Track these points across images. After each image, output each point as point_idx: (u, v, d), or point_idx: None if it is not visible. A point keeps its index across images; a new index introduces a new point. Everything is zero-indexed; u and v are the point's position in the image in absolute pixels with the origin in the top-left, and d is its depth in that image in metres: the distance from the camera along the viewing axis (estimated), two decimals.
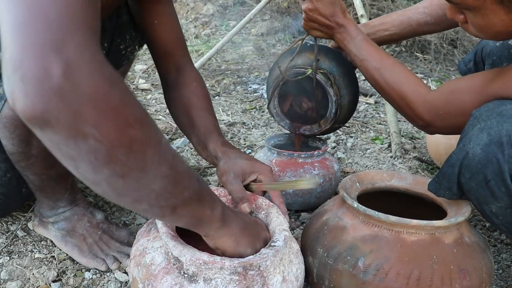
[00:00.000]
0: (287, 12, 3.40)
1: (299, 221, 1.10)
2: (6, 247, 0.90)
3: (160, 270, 0.60)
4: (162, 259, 0.62)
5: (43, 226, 0.90)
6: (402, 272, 0.66)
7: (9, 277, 0.82)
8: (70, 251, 0.88)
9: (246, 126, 1.74)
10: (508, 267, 1.00)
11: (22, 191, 0.89)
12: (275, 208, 0.75)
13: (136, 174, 0.44)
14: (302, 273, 0.70)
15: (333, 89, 1.05)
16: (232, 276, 0.59)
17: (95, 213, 0.92)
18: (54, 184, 0.84)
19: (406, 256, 0.67)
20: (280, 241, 0.66)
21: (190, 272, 0.59)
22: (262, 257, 0.61)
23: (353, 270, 0.68)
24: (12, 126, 0.72)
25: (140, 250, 0.65)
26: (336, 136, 1.68)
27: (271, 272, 0.62)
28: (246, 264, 0.59)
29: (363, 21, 1.78)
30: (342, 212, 0.76)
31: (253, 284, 0.60)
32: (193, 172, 0.54)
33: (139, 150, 0.43)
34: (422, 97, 0.82)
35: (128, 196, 0.47)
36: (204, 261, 0.58)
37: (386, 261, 0.67)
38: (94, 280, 0.84)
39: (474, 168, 0.66)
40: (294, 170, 1.07)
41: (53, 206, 0.88)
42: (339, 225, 0.74)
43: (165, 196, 0.49)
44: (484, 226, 1.16)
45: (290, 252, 0.69)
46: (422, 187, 0.83)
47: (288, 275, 0.65)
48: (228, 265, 0.58)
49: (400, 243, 0.68)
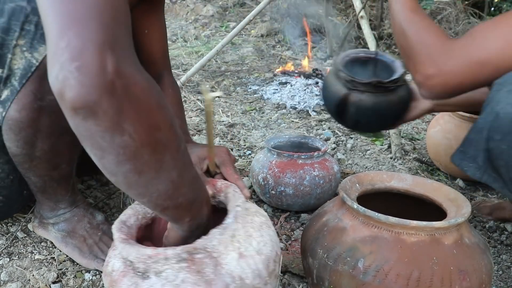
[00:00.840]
0: (286, 13, 3.41)
1: (299, 222, 1.10)
2: (6, 248, 0.90)
3: (119, 275, 0.61)
4: (120, 264, 0.62)
5: (43, 227, 0.91)
6: (402, 273, 0.66)
7: (9, 278, 0.82)
8: (70, 252, 0.88)
9: (246, 127, 1.74)
10: (508, 268, 1.00)
11: (23, 193, 0.89)
12: (232, 187, 0.74)
13: (152, 173, 0.48)
14: (268, 245, 0.66)
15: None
16: (181, 264, 0.58)
17: (95, 214, 0.92)
18: (56, 186, 0.84)
19: (406, 257, 0.67)
20: (230, 218, 0.64)
21: (141, 269, 0.59)
22: (206, 238, 0.60)
23: (353, 271, 0.68)
24: (17, 128, 0.72)
25: (107, 262, 0.66)
26: (336, 137, 1.68)
27: (223, 251, 0.60)
28: (189, 249, 0.58)
29: (363, 22, 1.79)
30: (342, 213, 0.76)
31: (204, 267, 0.58)
32: (196, 181, 0.57)
33: (161, 153, 0.47)
34: (443, 40, 0.77)
35: (136, 190, 0.50)
36: (149, 255, 0.58)
37: (386, 262, 0.67)
38: (94, 282, 0.84)
39: (506, 128, 0.64)
40: (294, 171, 1.07)
41: (54, 207, 0.88)
42: (339, 226, 0.74)
43: (164, 197, 0.53)
44: (484, 227, 1.16)
45: (249, 227, 0.66)
46: (422, 188, 0.83)
47: (246, 250, 0.62)
48: (172, 254, 0.57)
49: (400, 244, 0.68)
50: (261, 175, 1.10)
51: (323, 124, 1.83)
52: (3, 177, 0.83)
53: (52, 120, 0.72)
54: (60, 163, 0.80)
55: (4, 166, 0.81)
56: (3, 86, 0.69)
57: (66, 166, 0.82)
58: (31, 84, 0.68)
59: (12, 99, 0.69)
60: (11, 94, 0.69)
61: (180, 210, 0.57)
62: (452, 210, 0.75)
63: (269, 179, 1.09)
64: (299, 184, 1.07)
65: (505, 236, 1.13)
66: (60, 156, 0.79)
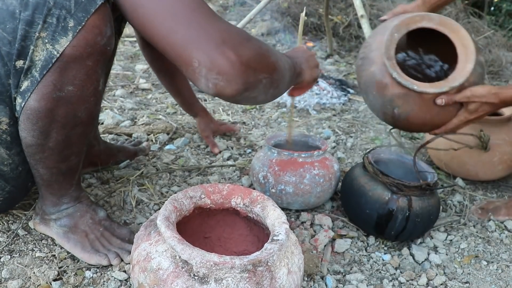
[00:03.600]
0: (287, 12, 3.41)
1: (299, 221, 1.11)
2: (7, 246, 0.90)
3: (169, 275, 0.60)
4: (169, 263, 0.61)
5: (45, 223, 0.91)
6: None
7: (10, 275, 0.82)
8: (72, 247, 0.88)
9: (246, 125, 1.74)
10: (507, 267, 1.01)
11: (28, 185, 0.90)
12: (270, 201, 0.77)
13: (281, 83, 0.78)
14: (302, 263, 0.71)
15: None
16: (243, 274, 0.60)
17: (97, 210, 0.93)
18: (62, 179, 0.85)
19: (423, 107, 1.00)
20: (282, 235, 0.67)
21: (200, 274, 0.59)
22: (269, 252, 0.62)
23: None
24: (35, 118, 0.74)
25: (144, 255, 0.65)
26: (336, 136, 1.68)
27: (278, 266, 0.64)
28: (255, 261, 0.60)
29: (364, 21, 1.79)
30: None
31: (263, 279, 0.61)
32: (284, 63, 0.79)
33: (280, 77, 0.76)
34: None
35: (278, 89, 0.78)
36: (215, 262, 0.58)
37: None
38: (95, 279, 0.84)
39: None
40: (294, 169, 1.07)
41: (57, 202, 0.88)
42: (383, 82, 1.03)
43: (288, 83, 0.84)
44: (483, 226, 1.16)
45: (291, 244, 0.70)
46: (445, 28, 1.01)
47: (292, 266, 0.66)
48: (239, 264, 0.59)
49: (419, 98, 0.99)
50: (261, 174, 1.11)
51: (323, 122, 1.83)
52: (13, 167, 0.83)
53: (68, 110, 0.75)
54: (70, 155, 0.82)
55: (15, 157, 0.82)
56: (23, 77, 0.71)
57: (75, 158, 0.83)
58: (51, 74, 0.70)
59: (33, 90, 0.71)
60: (31, 84, 0.71)
61: (291, 77, 0.85)
62: (461, 58, 0.98)
63: (269, 177, 1.09)
64: (299, 183, 1.07)
65: (505, 235, 1.13)
66: (71, 147, 0.81)
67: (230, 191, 0.80)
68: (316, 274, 0.91)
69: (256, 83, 0.68)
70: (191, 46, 0.64)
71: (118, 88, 1.99)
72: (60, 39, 0.68)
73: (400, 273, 0.96)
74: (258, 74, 0.68)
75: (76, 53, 0.70)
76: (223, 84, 0.64)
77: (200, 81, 0.65)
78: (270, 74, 0.71)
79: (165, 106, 1.86)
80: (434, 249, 1.05)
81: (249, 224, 0.83)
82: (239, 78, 0.64)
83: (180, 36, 0.65)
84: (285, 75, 0.78)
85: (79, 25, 0.68)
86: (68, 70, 0.71)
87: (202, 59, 0.63)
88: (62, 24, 0.68)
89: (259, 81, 0.68)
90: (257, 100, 0.74)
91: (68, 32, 0.68)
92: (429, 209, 0.99)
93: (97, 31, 0.70)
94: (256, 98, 0.72)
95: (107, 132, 1.51)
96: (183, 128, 1.63)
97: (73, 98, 0.74)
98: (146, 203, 1.12)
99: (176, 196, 0.74)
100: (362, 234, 1.08)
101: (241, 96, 0.67)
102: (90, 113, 0.79)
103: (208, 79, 0.64)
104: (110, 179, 1.20)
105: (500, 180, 1.41)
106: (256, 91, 0.69)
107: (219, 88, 0.64)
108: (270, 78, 0.71)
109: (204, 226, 0.85)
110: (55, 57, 0.69)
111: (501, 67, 2.95)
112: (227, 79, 0.63)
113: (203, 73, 0.64)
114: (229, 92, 0.65)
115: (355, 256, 1.00)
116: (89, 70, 0.73)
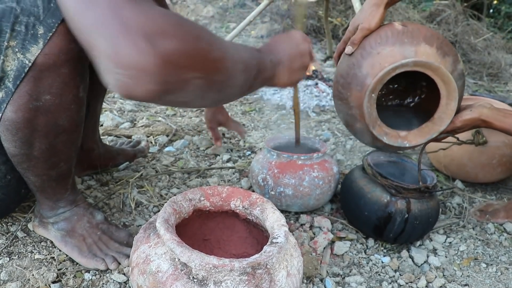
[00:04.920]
0: (287, 14, 3.41)
1: (298, 223, 1.11)
2: (6, 248, 0.90)
3: (168, 277, 0.60)
4: (168, 266, 0.61)
5: (43, 226, 0.91)
6: None
7: (9, 278, 0.82)
8: (69, 251, 0.88)
9: (246, 127, 1.74)
10: (507, 270, 1.01)
11: (21, 192, 0.89)
12: (269, 203, 0.77)
13: (228, 86, 0.61)
14: (302, 265, 0.71)
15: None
16: (242, 277, 0.60)
17: (94, 213, 0.92)
18: (55, 185, 0.85)
19: None
20: (281, 237, 0.67)
21: (199, 276, 0.59)
22: (268, 255, 0.62)
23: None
24: (14, 129, 0.72)
25: (143, 258, 0.65)
26: (335, 138, 1.68)
27: (277, 268, 0.64)
28: (254, 264, 0.60)
29: None
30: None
31: (262, 282, 0.61)
32: (238, 62, 0.63)
33: (225, 79, 0.59)
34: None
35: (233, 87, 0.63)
36: (214, 265, 0.58)
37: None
38: (94, 281, 0.84)
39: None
40: (293, 172, 1.07)
41: (53, 206, 0.88)
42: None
43: (243, 87, 0.65)
44: (483, 229, 1.16)
45: (290, 246, 0.70)
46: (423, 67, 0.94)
47: (291, 269, 0.66)
48: (238, 267, 0.59)
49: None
50: (261, 176, 1.11)
51: (323, 125, 1.83)
52: (1, 176, 0.83)
53: (48, 119, 0.72)
54: (58, 162, 0.80)
55: (1, 166, 0.82)
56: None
57: (64, 165, 0.82)
58: (26, 84, 0.68)
59: (8, 101, 0.69)
60: (6, 95, 0.69)
61: (259, 77, 0.69)
62: (443, 93, 0.95)
63: (268, 179, 1.09)
64: (299, 185, 1.07)
65: (504, 237, 1.13)
66: (58, 155, 0.79)
67: (229, 193, 0.80)
68: (316, 276, 0.91)
69: (182, 84, 0.52)
70: (95, 30, 0.49)
71: None
72: (31, 47, 0.65)
73: (400, 276, 0.96)
74: (185, 72, 0.52)
75: (49, 61, 0.67)
76: (130, 82, 0.48)
77: (104, 76, 0.50)
78: (206, 74, 0.55)
79: (165, 108, 1.86)
80: (433, 252, 1.05)
81: (249, 227, 0.83)
82: (154, 76, 0.48)
83: (89, 19, 0.51)
84: (237, 77, 0.62)
85: (50, 31, 0.65)
86: (43, 79, 0.68)
87: (102, 46, 0.48)
88: (31, 31, 0.65)
89: (185, 82, 0.53)
90: (189, 105, 0.61)
91: (38, 39, 0.65)
92: (428, 211, 0.99)
93: (70, 37, 0.65)
94: (187, 102, 0.58)
95: (107, 134, 1.51)
96: (183, 130, 1.63)
97: (51, 107, 0.71)
98: (146, 205, 1.12)
99: (175, 199, 0.74)
100: (361, 236, 1.08)
101: (159, 99, 0.53)
102: (72, 120, 0.76)
103: (110, 74, 0.49)
104: (110, 181, 1.20)
105: (499, 182, 1.41)
106: (184, 95, 0.54)
107: (126, 87, 0.49)
108: (205, 79, 0.55)
109: (204, 229, 0.85)
110: (27, 66, 0.66)
111: (500, 69, 2.96)
112: (135, 75, 0.48)
113: (104, 64, 0.49)
114: (140, 93, 0.49)
115: (355, 258, 1.00)
116: (65, 77, 0.70)
